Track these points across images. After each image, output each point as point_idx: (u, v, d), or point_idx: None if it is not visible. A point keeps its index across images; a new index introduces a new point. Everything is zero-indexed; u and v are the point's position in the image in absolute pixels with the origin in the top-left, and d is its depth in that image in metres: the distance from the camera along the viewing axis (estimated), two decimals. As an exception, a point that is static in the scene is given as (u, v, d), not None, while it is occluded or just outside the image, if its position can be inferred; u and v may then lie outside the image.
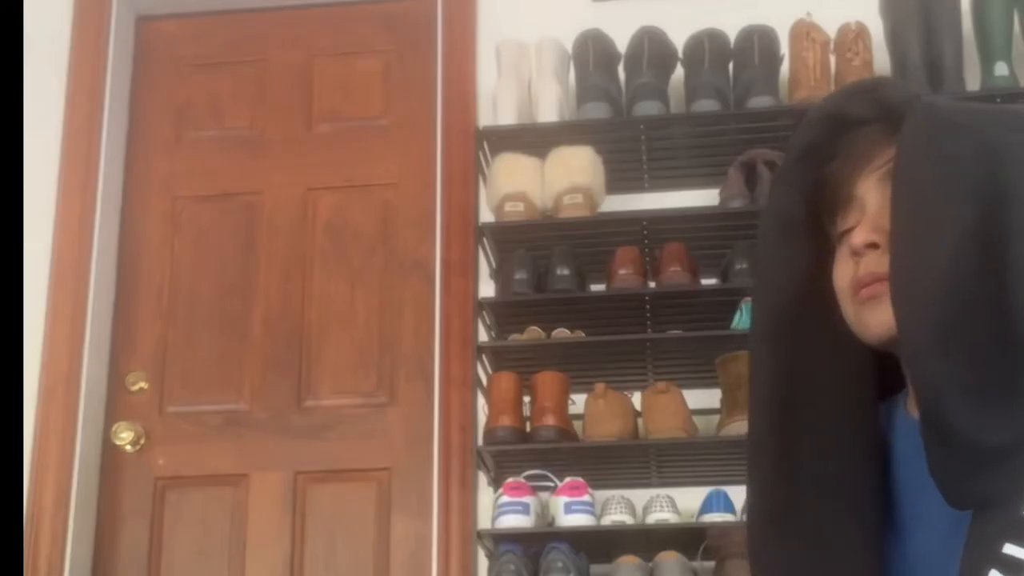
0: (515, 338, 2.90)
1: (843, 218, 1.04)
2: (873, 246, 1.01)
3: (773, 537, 1.05)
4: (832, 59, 2.98)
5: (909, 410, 1.05)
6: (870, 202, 1.02)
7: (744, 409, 2.71)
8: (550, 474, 2.82)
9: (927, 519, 0.99)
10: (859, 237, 1.01)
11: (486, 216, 3.05)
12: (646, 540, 2.73)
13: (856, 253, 1.01)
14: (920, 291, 0.92)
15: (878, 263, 1.00)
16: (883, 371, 1.07)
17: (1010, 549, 0.87)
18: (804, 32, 2.98)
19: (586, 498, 2.72)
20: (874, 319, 1.01)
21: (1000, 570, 0.86)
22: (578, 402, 2.85)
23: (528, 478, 2.79)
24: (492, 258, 3.03)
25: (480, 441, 2.86)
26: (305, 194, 3.28)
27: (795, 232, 1.07)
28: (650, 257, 2.94)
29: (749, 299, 2.77)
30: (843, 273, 1.03)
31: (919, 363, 0.92)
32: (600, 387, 2.78)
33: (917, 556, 1.00)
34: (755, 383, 1.08)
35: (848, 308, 1.04)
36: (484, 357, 2.94)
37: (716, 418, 2.80)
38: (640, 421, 2.81)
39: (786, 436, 1.05)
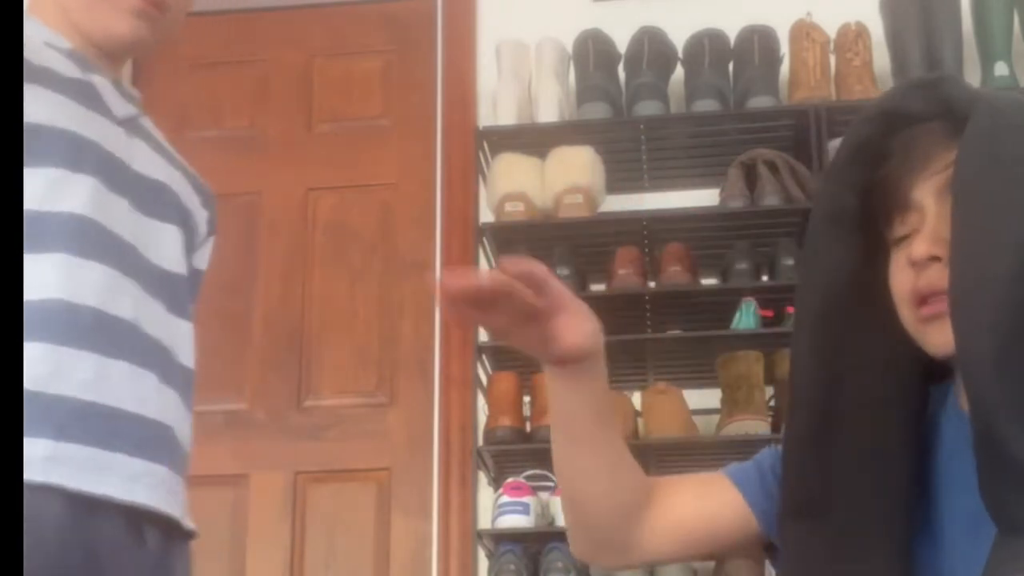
0: (515, 338, 2.89)
1: (901, 222, 1.02)
2: (935, 259, 0.98)
3: (803, 530, 1.04)
4: (832, 59, 2.98)
5: (961, 402, 1.03)
6: (929, 210, 1.00)
7: (743, 409, 2.72)
8: (550, 474, 2.82)
9: (964, 515, 0.98)
10: (920, 249, 0.98)
11: (486, 216, 3.05)
12: (646, 540, 2.72)
13: (916, 264, 0.99)
14: (978, 312, 0.90)
15: (939, 277, 0.97)
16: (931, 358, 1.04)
17: None
18: (804, 32, 2.98)
19: (586, 498, 2.71)
20: (937, 339, 0.99)
21: None
22: (578, 402, 2.84)
23: (528, 478, 2.79)
24: (492, 258, 3.03)
25: (480, 441, 2.86)
26: (305, 194, 3.28)
27: (845, 226, 1.05)
28: (650, 257, 2.94)
29: (749, 299, 2.78)
30: (902, 281, 1.02)
31: (975, 386, 0.90)
32: (600, 387, 2.77)
33: (951, 549, 0.99)
34: (797, 377, 1.06)
35: (907, 316, 1.02)
36: (484, 357, 2.94)
37: (716, 418, 2.80)
38: (640, 421, 2.81)
39: (827, 428, 1.03)
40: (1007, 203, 0.92)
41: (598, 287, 2.94)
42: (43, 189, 1.25)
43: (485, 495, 2.92)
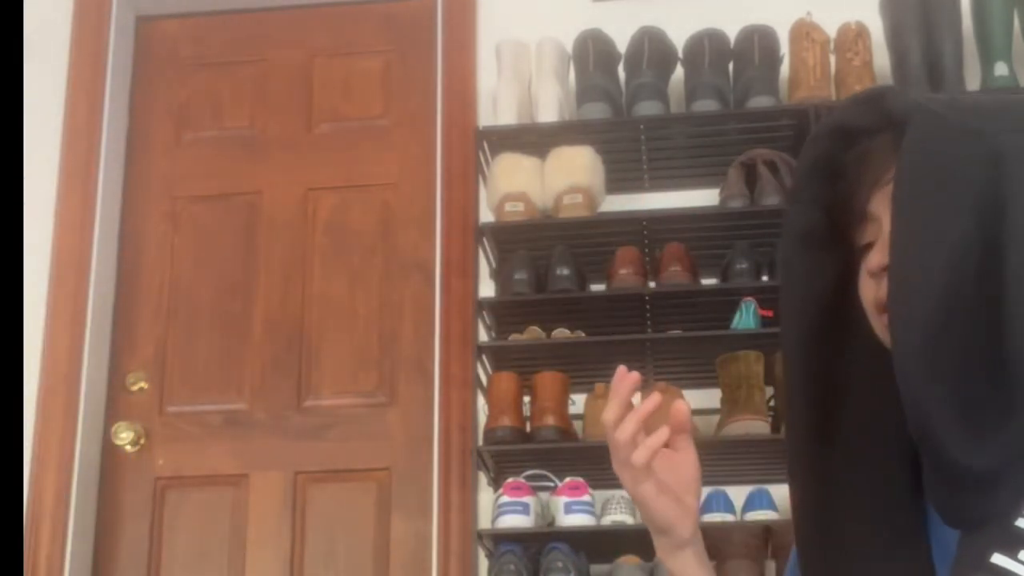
0: (515, 338, 2.90)
1: (862, 233, 1.03)
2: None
3: (816, 538, 1.05)
4: (832, 59, 2.98)
5: None
6: (884, 220, 1.00)
7: (743, 409, 2.72)
8: (550, 474, 2.82)
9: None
10: (875, 260, 0.99)
11: (486, 216, 3.05)
12: (646, 540, 2.71)
13: (874, 275, 1.00)
14: (910, 315, 0.91)
15: None
16: None
17: (998, 559, 0.86)
18: (804, 32, 2.98)
19: (586, 498, 2.72)
20: None
21: None
22: (578, 402, 2.85)
23: (528, 478, 2.79)
24: (492, 258, 3.03)
25: (480, 441, 2.86)
26: (305, 194, 3.28)
27: (817, 242, 1.05)
28: (650, 257, 2.94)
29: (749, 299, 2.78)
30: (866, 291, 1.02)
31: (907, 388, 0.91)
32: (600, 387, 2.78)
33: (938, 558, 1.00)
34: (791, 393, 1.07)
35: (875, 325, 1.02)
36: (484, 357, 2.94)
37: (716, 418, 2.80)
38: (640, 421, 2.81)
39: (822, 441, 1.04)
40: (941, 206, 0.92)
41: (598, 287, 2.94)
42: None
43: (485, 495, 2.92)
